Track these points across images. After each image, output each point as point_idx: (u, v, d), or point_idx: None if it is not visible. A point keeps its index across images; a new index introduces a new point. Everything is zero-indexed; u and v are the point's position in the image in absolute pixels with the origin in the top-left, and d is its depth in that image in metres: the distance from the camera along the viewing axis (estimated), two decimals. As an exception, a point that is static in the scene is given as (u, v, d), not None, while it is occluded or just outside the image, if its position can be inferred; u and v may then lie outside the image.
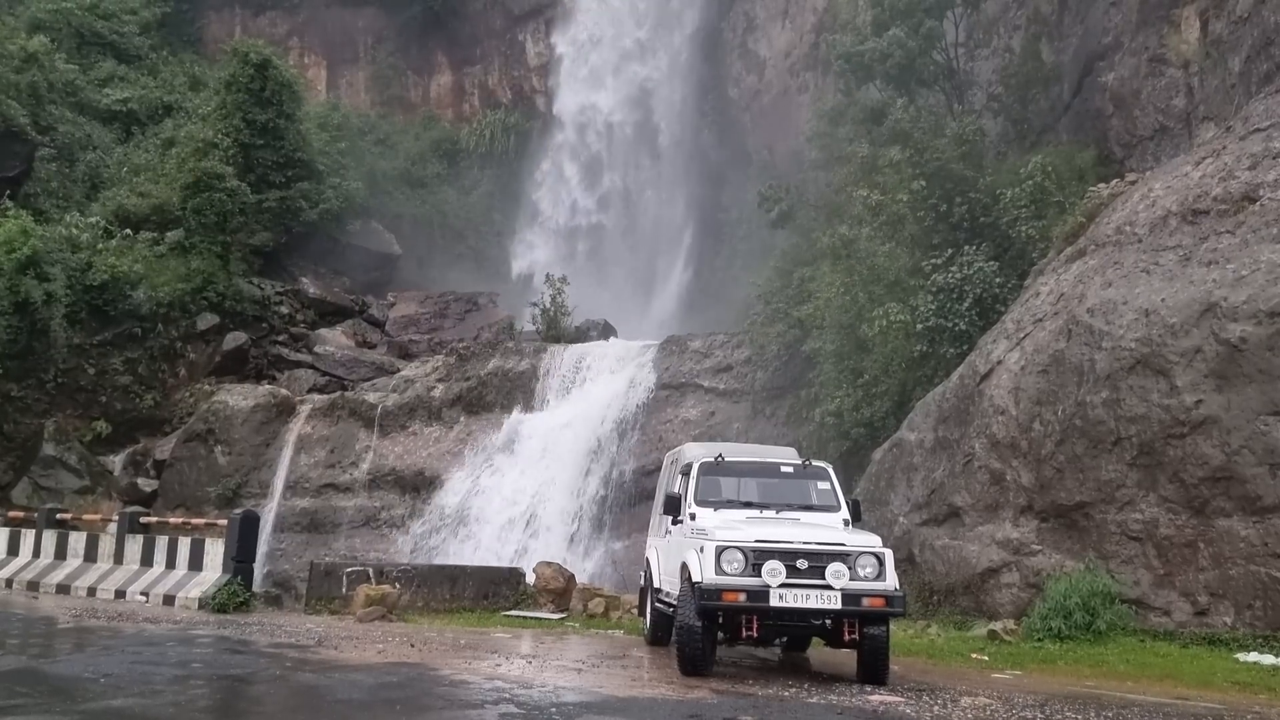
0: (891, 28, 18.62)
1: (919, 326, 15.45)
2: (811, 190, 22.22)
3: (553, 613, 13.96)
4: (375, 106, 41.11)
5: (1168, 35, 16.07)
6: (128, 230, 27.43)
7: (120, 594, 14.57)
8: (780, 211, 21.42)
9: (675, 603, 9.18)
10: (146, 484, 24.44)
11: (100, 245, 25.97)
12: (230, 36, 37.98)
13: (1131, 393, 11.15)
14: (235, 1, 41.65)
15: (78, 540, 15.82)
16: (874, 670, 8.61)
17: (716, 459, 10.06)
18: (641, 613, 11.69)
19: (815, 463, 10.39)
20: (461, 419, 23.72)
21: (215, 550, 14.32)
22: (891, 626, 8.93)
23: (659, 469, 13.48)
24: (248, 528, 14.45)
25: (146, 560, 14.93)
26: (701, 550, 8.69)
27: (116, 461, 24.74)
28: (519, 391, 23.53)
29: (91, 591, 14.83)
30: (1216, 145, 12.74)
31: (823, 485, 10.02)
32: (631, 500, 20.07)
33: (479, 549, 20.43)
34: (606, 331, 28.29)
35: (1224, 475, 10.41)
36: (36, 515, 17.02)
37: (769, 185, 22.56)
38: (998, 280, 15.40)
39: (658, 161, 36.05)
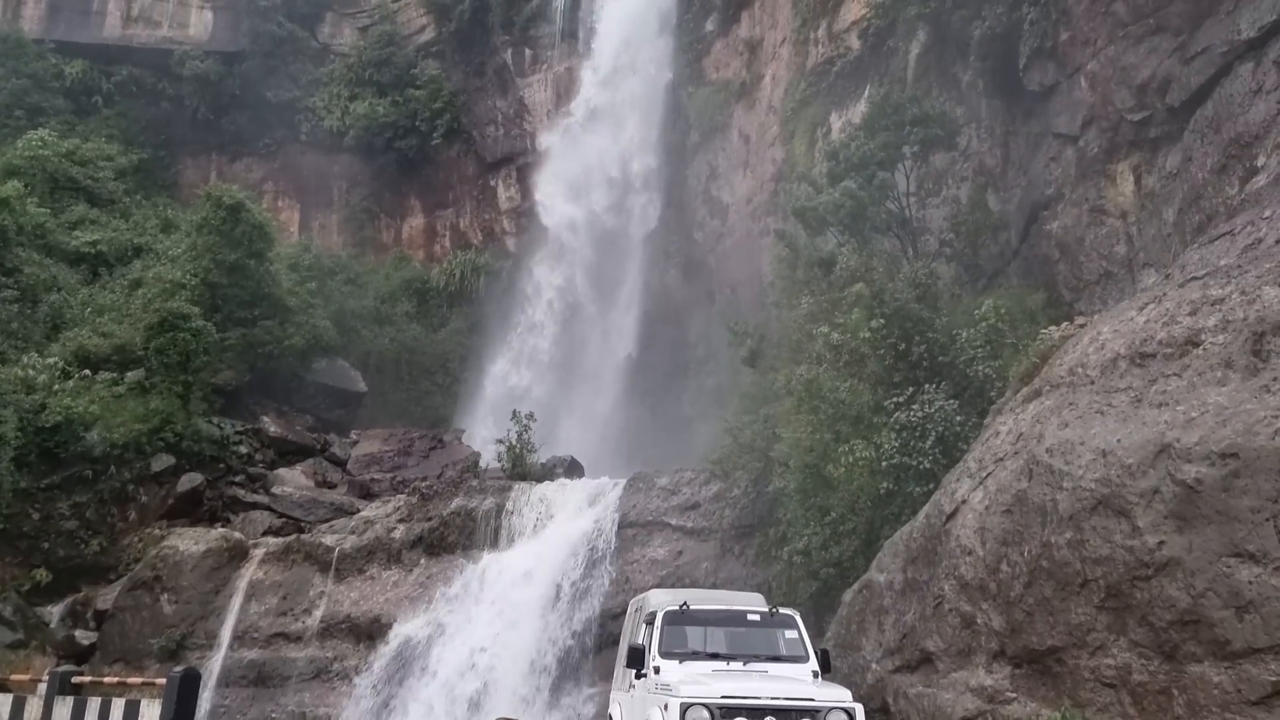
0: (845, 179, 19.59)
1: (884, 464, 15.49)
2: (774, 328, 22.74)
3: (512, 775, 13.14)
4: (347, 247, 41.92)
5: (1105, 188, 17.04)
6: (86, 370, 27.08)
7: (43, 763, 13.48)
8: (749, 349, 21.86)
9: (639, 766, 8.72)
10: (85, 636, 23.13)
11: (56, 386, 25.53)
12: (206, 181, 38.95)
13: (1095, 533, 11.11)
14: (212, 148, 42.96)
15: (2, 704, 14.75)
16: (849, 838, 8.15)
17: (681, 607, 9.81)
18: (605, 775, 11.06)
19: (783, 610, 10.16)
20: (422, 561, 23.03)
21: (151, 713, 13.35)
22: (866, 788, 8.51)
23: (625, 612, 13.07)
24: (187, 687, 13.53)
25: (76, 724, 13.90)
26: (665, 708, 8.33)
27: (55, 612, 23.46)
28: (482, 531, 22.98)
29: (12, 761, 13.72)
30: (1158, 292, 13.28)
31: (790, 634, 9.77)
32: (596, 646, 19.36)
33: (435, 699, 19.43)
34: (573, 469, 28.01)
35: (1192, 619, 10.27)
36: (-40, 675, 15.97)
37: (736, 321, 23.09)
38: (958, 419, 15.60)
39: (625, 300, 36.83)
